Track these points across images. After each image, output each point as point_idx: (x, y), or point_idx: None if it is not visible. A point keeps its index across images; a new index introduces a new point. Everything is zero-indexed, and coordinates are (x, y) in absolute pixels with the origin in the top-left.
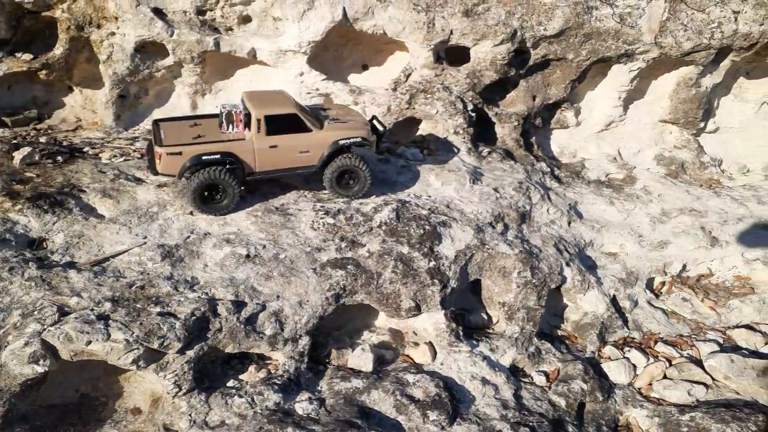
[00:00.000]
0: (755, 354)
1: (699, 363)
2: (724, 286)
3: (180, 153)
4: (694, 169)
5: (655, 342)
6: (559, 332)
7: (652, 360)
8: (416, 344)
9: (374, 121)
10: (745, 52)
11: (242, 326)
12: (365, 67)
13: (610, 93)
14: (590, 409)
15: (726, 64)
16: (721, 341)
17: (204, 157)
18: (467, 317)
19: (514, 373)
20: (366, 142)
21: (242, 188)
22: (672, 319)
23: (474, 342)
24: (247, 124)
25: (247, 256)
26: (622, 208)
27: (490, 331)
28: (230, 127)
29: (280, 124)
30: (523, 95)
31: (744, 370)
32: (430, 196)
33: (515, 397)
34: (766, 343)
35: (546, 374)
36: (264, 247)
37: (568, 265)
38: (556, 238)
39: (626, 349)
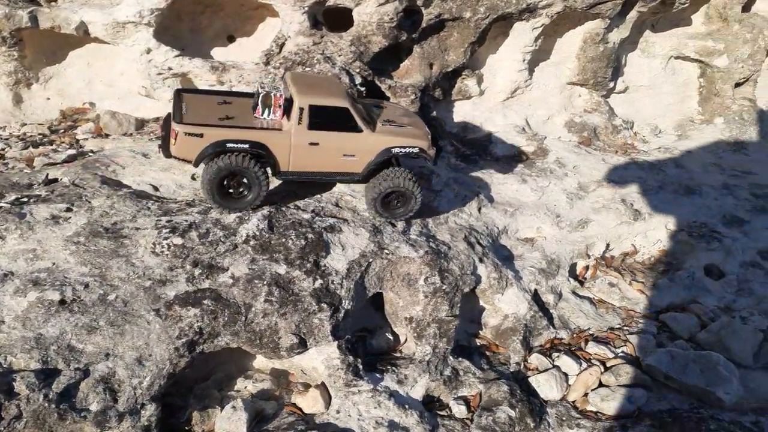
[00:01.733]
0: (694, 344)
1: (636, 362)
2: (651, 264)
3: (201, 135)
4: (606, 134)
5: (586, 341)
6: (478, 341)
7: (584, 365)
8: (306, 387)
9: (434, 130)
10: (652, 1)
11: (54, 406)
12: (231, 39)
13: (514, 55)
14: None
15: (632, 16)
16: (655, 330)
17: (229, 145)
18: (369, 341)
19: (429, 406)
20: (423, 155)
21: (268, 187)
22: (600, 309)
23: (377, 375)
24: (287, 112)
25: (62, 301)
26: (535, 186)
27: (398, 354)
28: (266, 112)
29: (327, 118)
30: (418, 63)
31: (686, 366)
32: (313, 194)
33: None
34: (703, 327)
35: (466, 401)
36: (86, 286)
37: (481, 260)
38: (467, 229)
39: (555, 355)
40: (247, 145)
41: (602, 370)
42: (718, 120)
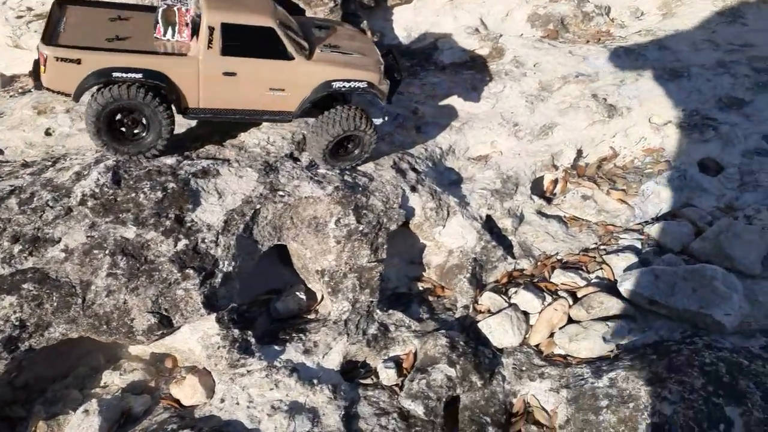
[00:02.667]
0: (687, 257)
1: (614, 289)
2: (634, 167)
3: (79, 61)
4: (576, 24)
5: (552, 269)
6: (422, 285)
7: (549, 299)
8: (184, 377)
9: (390, 58)
10: None
11: None
12: None
13: None
14: (467, 404)
15: None
16: (639, 246)
17: (116, 74)
18: (273, 305)
19: (351, 374)
20: (373, 90)
21: (172, 127)
22: (572, 228)
23: (277, 347)
24: (196, 33)
25: None
26: (487, 93)
27: (311, 317)
28: (169, 31)
29: (246, 41)
30: None
31: (674, 287)
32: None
33: (347, 422)
34: (697, 234)
35: (398, 363)
36: None
37: (414, 189)
38: (397, 155)
39: (512, 290)
40: (140, 75)
41: (571, 302)
42: None
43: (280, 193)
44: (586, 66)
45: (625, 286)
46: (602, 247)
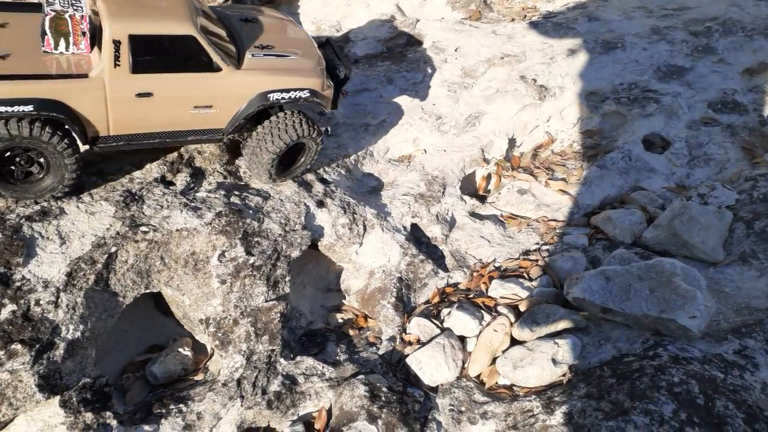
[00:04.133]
0: (641, 249)
1: (561, 297)
2: (573, 152)
3: None
4: (500, 2)
5: (490, 279)
6: (341, 316)
7: (487, 319)
8: None
9: (328, 51)
10: None
11: None
12: None
13: None
14: None
15: None
16: (586, 242)
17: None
18: (149, 370)
19: None
20: (316, 99)
21: (78, 164)
22: (511, 228)
23: (147, 428)
24: (96, 44)
25: None
26: (405, 84)
27: (199, 378)
28: (62, 43)
29: (161, 54)
30: None
31: (629, 289)
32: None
33: None
34: (649, 221)
35: (308, 424)
36: None
37: (321, 205)
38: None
39: (445, 312)
40: (30, 107)
41: (513, 319)
42: None
43: (143, 228)
44: (511, 46)
45: (573, 294)
46: (545, 247)
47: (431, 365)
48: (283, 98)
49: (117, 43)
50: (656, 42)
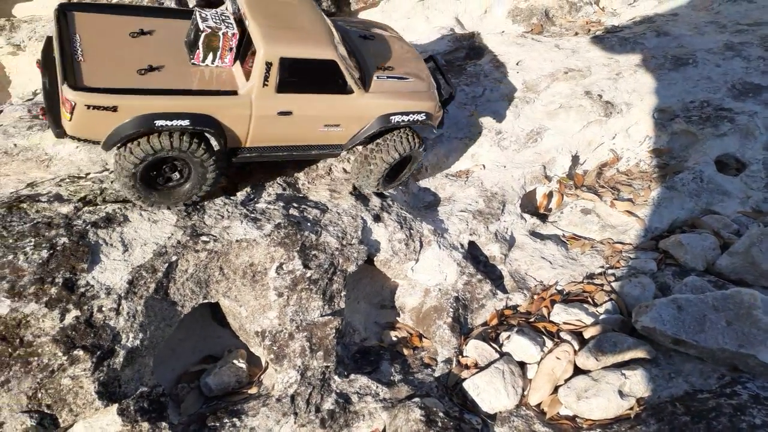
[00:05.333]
0: (714, 277)
1: (628, 325)
2: (640, 172)
3: (114, 108)
4: (563, 15)
5: (552, 303)
6: (395, 334)
7: (549, 345)
8: None
9: (433, 68)
10: None
11: None
12: None
13: None
14: None
15: None
16: (654, 267)
17: (159, 122)
18: (204, 381)
19: None
20: (430, 121)
21: (218, 173)
22: (573, 250)
23: None
24: (239, 57)
25: None
26: (464, 99)
27: (253, 391)
28: (209, 57)
29: (305, 76)
30: None
31: (703, 320)
32: (103, 170)
33: None
34: (723, 247)
35: None
36: None
37: (378, 219)
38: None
39: (504, 336)
40: (186, 121)
41: (576, 347)
42: None
43: (204, 238)
44: (575, 60)
45: (642, 323)
46: (610, 271)
47: (490, 391)
48: (402, 120)
49: (268, 65)
50: (730, 58)
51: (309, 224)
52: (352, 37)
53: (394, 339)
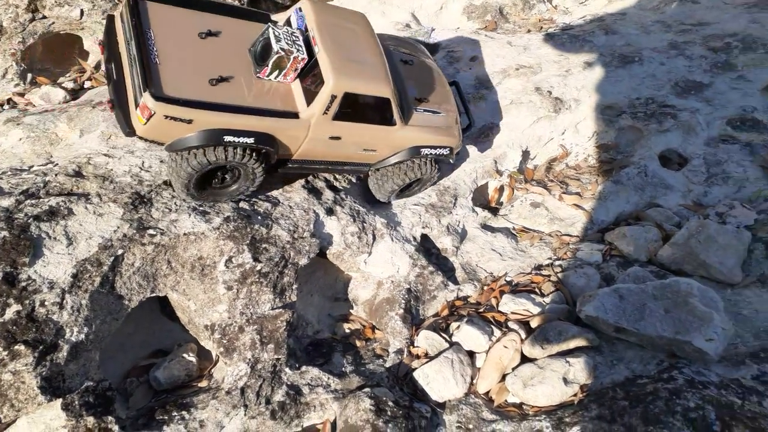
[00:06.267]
0: (656, 268)
1: (573, 315)
2: (588, 166)
3: (190, 121)
4: (516, 13)
5: (501, 294)
6: (349, 327)
7: (497, 334)
8: None
9: (454, 92)
10: None
11: None
12: None
13: None
14: None
15: None
16: (600, 258)
17: (227, 138)
18: (153, 375)
19: None
20: (451, 155)
21: (263, 177)
22: (523, 242)
23: None
24: (302, 75)
25: None
26: None
27: (203, 385)
28: (275, 74)
29: (360, 109)
30: None
31: (643, 309)
32: (47, 163)
33: None
34: (665, 239)
35: None
36: None
37: (331, 212)
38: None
39: (454, 326)
40: (251, 139)
41: (523, 336)
42: None
43: (151, 231)
44: (527, 57)
45: (586, 312)
46: (557, 262)
47: (439, 380)
48: (430, 154)
49: (333, 97)
50: (674, 57)
51: (260, 217)
52: (395, 62)
53: (347, 331)
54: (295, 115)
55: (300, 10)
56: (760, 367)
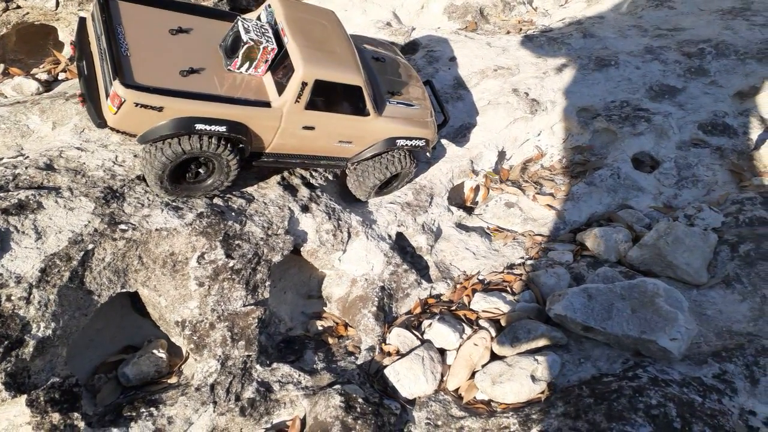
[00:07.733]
0: (625, 268)
1: (543, 313)
2: (562, 167)
3: (160, 108)
4: (497, 14)
5: (473, 292)
6: (321, 324)
7: (468, 332)
8: None
9: (429, 92)
10: None
11: None
12: None
13: None
14: None
15: None
16: (570, 258)
17: (199, 126)
18: (122, 371)
19: None
20: (427, 147)
21: (238, 172)
22: (497, 242)
23: (116, 431)
24: (273, 68)
25: None
26: None
27: (173, 381)
28: (245, 66)
29: (332, 97)
30: None
31: (611, 308)
32: (18, 156)
33: None
34: (635, 240)
35: None
36: None
37: (306, 209)
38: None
39: (425, 324)
40: (223, 128)
41: (493, 333)
42: None
43: (122, 226)
44: (505, 58)
45: (555, 310)
46: (529, 262)
47: (409, 377)
48: (406, 144)
49: (304, 84)
50: (650, 61)
51: (233, 214)
52: (367, 59)
53: (320, 328)
54: (267, 104)
55: (269, 6)
56: (721, 366)
